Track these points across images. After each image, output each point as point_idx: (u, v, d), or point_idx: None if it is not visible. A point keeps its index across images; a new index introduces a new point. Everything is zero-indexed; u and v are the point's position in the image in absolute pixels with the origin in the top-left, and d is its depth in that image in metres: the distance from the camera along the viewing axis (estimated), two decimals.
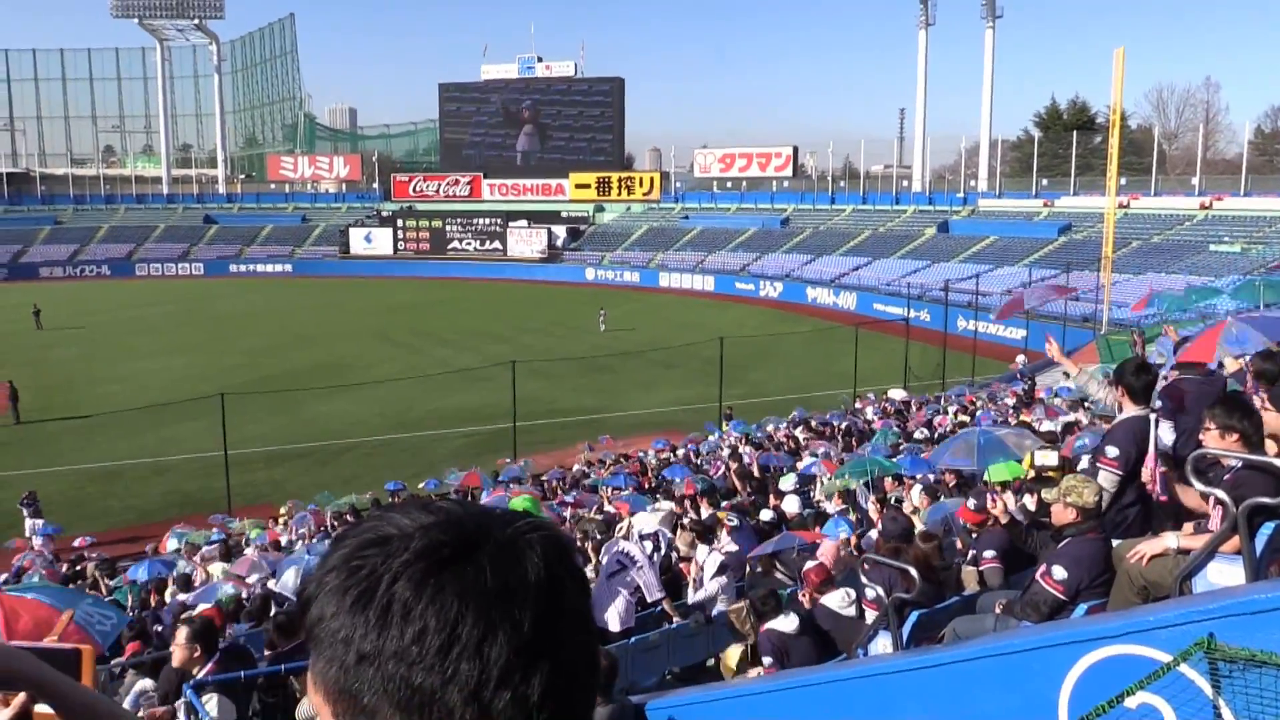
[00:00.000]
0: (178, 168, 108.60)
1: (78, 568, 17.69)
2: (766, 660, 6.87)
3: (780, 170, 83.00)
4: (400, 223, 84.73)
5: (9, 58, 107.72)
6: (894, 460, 13.74)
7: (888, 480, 12.51)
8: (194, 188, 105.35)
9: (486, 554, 0.89)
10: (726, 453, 20.62)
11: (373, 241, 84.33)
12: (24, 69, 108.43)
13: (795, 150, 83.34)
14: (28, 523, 21.07)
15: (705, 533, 11.94)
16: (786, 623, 6.94)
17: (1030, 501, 8.21)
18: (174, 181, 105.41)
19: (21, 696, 1.65)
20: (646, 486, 18.16)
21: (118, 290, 70.88)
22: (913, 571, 5.94)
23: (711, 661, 8.92)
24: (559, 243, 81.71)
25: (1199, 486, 4.15)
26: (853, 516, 11.39)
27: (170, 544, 17.24)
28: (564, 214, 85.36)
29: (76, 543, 19.38)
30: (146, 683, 7.95)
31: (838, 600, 6.98)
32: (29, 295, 58.26)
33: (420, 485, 22.12)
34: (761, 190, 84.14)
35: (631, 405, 32.26)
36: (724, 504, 13.37)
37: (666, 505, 12.34)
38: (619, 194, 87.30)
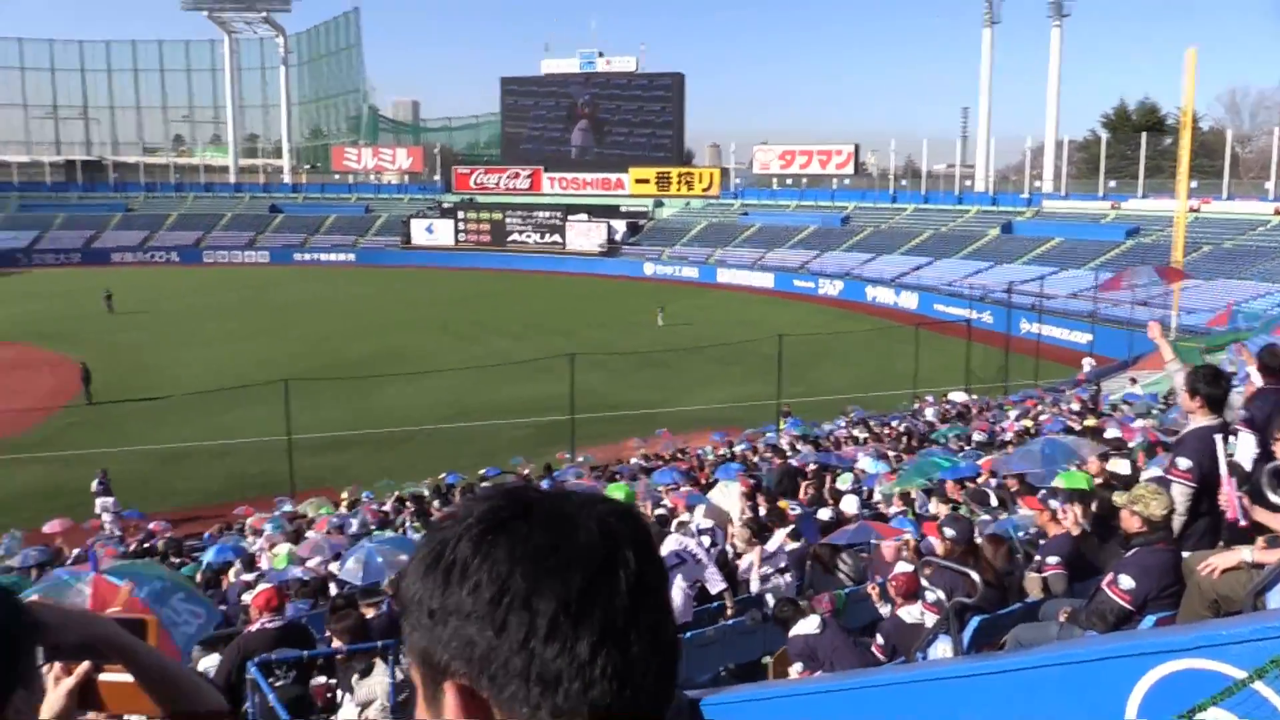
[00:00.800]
0: (245, 157, 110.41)
1: (146, 545, 18.21)
2: (796, 666, 6.90)
3: (841, 168, 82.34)
4: (461, 214, 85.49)
5: (84, 49, 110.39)
6: (955, 459, 13.59)
7: (949, 484, 12.40)
8: (260, 177, 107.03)
9: (538, 516, 0.96)
10: (785, 449, 20.58)
11: (434, 232, 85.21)
12: (97, 60, 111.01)
13: (856, 148, 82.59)
14: (98, 500, 21.70)
15: (762, 530, 11.93)
16: (808, 624, 6.96)
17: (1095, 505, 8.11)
18: (241, 171, 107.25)
19: (85, 665, 1.75)
20: (702, 482, 18.18)
21: (186, 276, 72.43)
22: (975, 576, 5.91)
23: (767, 659, 8.94)
24: (618, 237, 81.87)
25: (1274, 499, 4.09)
26: (911, 516, 11.32)
27: (267, 527, 17.72)
28: (623, 208, 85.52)
29: (152, 526, 19.93)
30: (213, 658, 8.15)
31: (912, 611, 6.95)
32: (101, 280, 59.76)
33: (480, 473, 22.36)
34: (821, 188, 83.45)
35: (689, 401, 32.28)
36: (778, 502, 13.35)
37: (736, 486, 12.32)
38: (678, 189, 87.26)
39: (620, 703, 0.90)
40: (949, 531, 7.04)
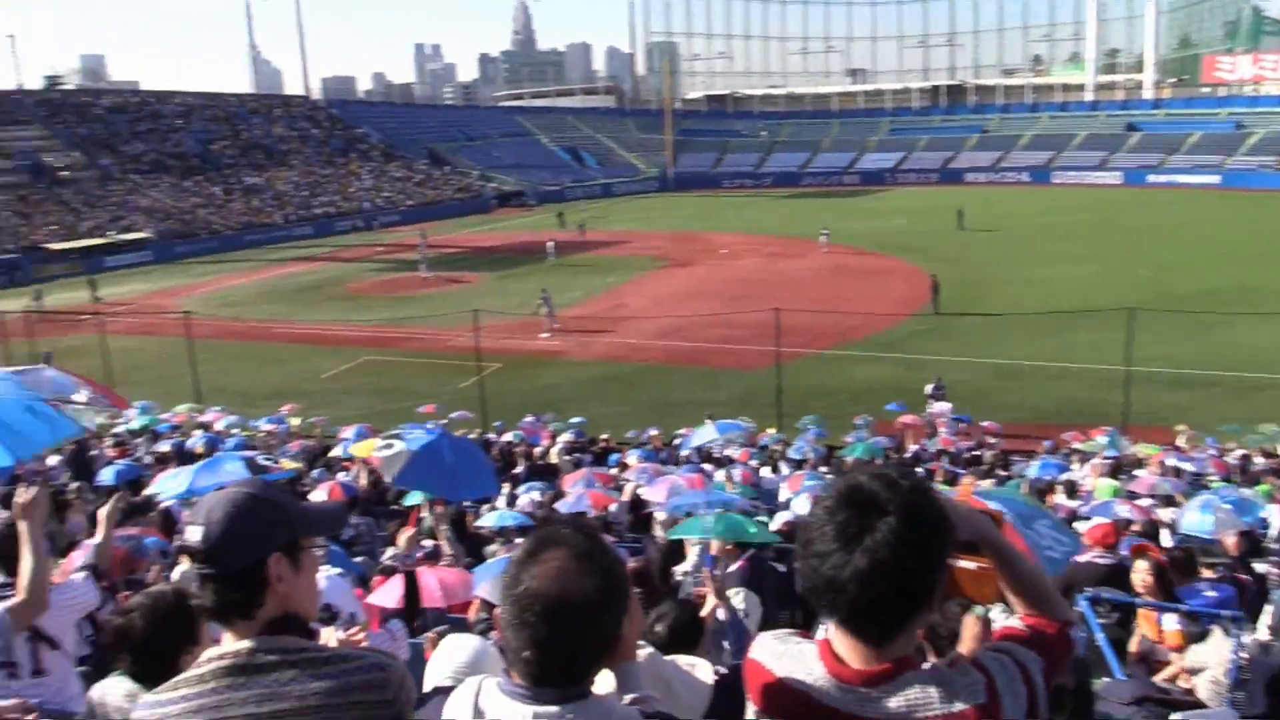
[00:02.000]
0: (1102, 74, 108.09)
1: (976, 453, 18.92)
2: None
3: None
4: None
5: None
6: None
7: None
8: (1118, 94, 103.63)
9: None
10: None
11: None
12: None
13: None
14: (932, 404, 23.12)
15: None
16: None
17: None
18: (1098, 88, 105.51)
19: None
20: None
21: (1034, 196, 73.20)
22: None
23: None
24: None
25: None
26: None
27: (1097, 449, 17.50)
28: None
29: (985, 426, 20.99)
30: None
31: None
32: (954, 198, 63.36)
33: None
34: None
35: None
36: None
37: None
38: None
39: None
40: None
